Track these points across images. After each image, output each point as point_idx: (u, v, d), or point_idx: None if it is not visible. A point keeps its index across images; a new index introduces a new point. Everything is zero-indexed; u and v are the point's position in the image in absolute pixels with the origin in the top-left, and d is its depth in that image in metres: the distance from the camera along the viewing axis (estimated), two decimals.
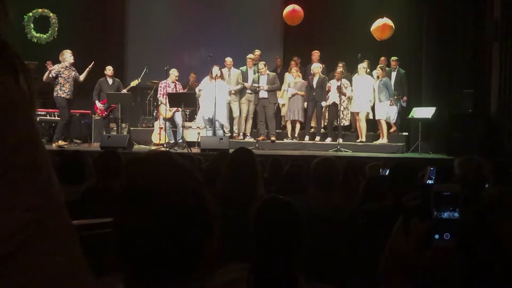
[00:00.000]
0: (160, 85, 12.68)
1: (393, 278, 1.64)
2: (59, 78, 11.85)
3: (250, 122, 13.39)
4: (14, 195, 1.01)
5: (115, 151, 5.18)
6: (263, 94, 12.76)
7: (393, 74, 13.13)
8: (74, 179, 4.59)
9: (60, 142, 11.69)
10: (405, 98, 13.10)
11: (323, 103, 12.98)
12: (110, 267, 1.33)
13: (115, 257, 1.28)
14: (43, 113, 13.25)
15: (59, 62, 11.99)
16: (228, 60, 13.30)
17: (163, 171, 1.29)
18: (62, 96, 11.81)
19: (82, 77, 12.16)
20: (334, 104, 12.83)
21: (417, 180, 4.00)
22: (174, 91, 12.37)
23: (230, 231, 2.61)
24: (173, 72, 12.60)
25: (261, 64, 12.90)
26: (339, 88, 12.59)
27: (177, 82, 12.70)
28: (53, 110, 13.05)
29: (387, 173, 5.07)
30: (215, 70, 12.13)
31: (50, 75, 11.77)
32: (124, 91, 12.85)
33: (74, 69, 12.07)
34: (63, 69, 11.91)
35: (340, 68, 12.96)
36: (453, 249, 1.49)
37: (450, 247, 1.51)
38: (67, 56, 12.00)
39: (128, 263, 1.26)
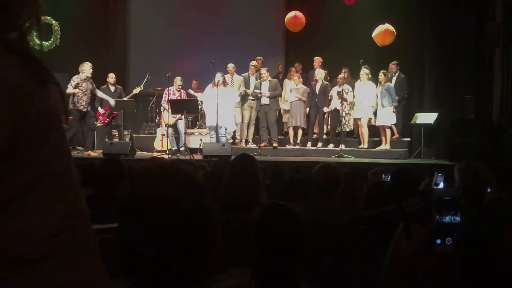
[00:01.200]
0: (165, 92, 12.67)
1: (394, 283, 1.64)
2: (78, 91, 11.75)
3: (252, 128, 13.41)
4: (52, 201, 1.07)
5: (117, 158, 5.19)
6: (264, 100, 12.79)
7: (393, 79, 13.12)
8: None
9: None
10: (397, 97, 12.87)
11: (325, 109, 12.97)
12: (111, 273, 1.33)
13: (116, 263, 1.28)
14: None
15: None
16: (230, 66, 13.32)
17: (168, 180, 1.30)
18: (79, 108, 11.74)
19: (99, 94, 12.28)
20: (336, 110, 12.83)
21: (423, 186, 3.98)
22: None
23: (232, 237, 2.61)
24: (177, 81, 12.60)
25: (263, 70, 12.94)
26: (339, 94, 12.59)
27: (182, 90, 12.73)
28: None
29: (389, 178, 5.05)
30: (218, 76, 12.12)
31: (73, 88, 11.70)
32: (126, 98, 12.89)
33: (91, 81, 12.04)
34: (82, 81, 11.83)
35: (342, 74, 12.94)
36: (455, 254, 1.49)
37: (451, 252, 1.51)
38: (86, 69, 11.86)
39: (132, 270, 1.27)
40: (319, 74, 12.95)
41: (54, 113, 1.13)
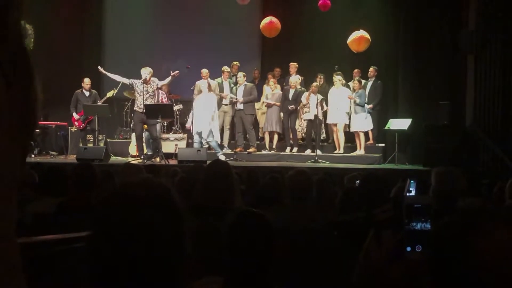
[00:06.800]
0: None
1: None
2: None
3: (227, 133, 13.34)
4: None
5: (89, 163, 5.14)
6: (239, 105, 12.81)
7: (369, 83, 13.20)
8: (53, 192, 4.53)
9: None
10: (370, 106, 12.98)
11: (306, 116, 12.99)
12: (84, 281, 1.32)
13: (86, 272, 1.27)
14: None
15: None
16: (204, 71, 13.14)
17: (139, 196, 1.29)
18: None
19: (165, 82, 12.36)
20: (315, 117, 12.83)
21: (394, 191, 4.00)
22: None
23: (204, 244, 2.59)
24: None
25: (240, 74, 12.94)
26: (321, 103, 12.65)
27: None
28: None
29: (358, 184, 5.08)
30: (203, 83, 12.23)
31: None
32: (100, 102, 12.81)
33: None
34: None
35: (317, 82, 13.01)
36: (425, 261, 1.50)
37: (421, 259, 1.52)
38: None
39: (102, 280, 1.25)
40: (294, 80, 12.98)
41: None
